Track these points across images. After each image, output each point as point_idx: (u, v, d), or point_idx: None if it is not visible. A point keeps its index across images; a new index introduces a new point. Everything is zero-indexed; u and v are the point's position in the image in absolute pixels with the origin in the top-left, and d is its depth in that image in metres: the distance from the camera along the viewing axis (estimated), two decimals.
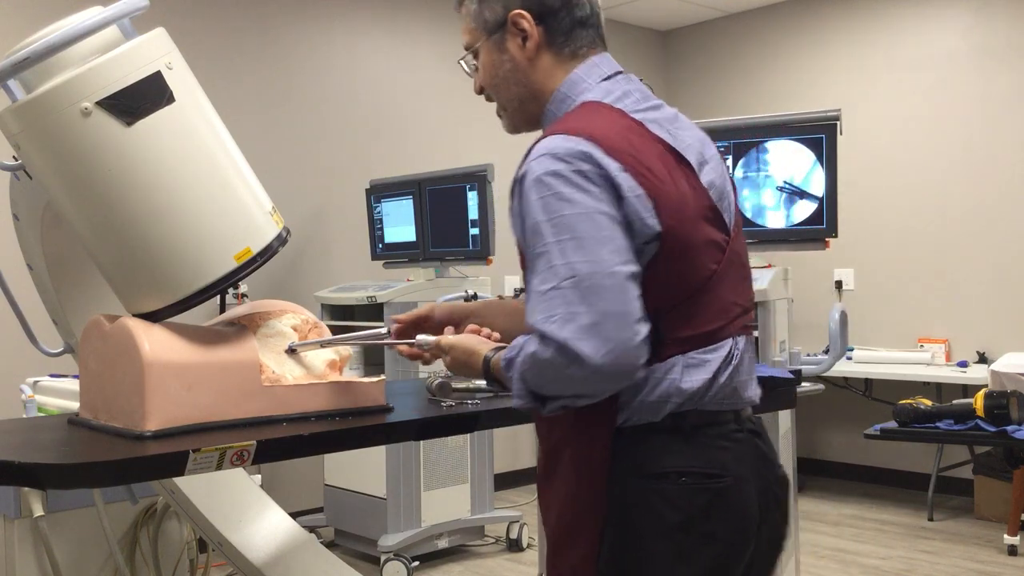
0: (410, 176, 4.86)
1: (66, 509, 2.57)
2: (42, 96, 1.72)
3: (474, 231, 4.46)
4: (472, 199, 4.45)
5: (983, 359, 5.22)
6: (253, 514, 2.66)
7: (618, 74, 1.55)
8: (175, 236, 1.78)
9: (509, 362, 1.40)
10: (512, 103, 1.60)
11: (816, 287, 5.72)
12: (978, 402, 2.97)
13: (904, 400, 3.17)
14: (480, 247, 4.45)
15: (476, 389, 2.23)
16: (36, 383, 2.99)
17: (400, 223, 4.81)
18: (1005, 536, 4.41)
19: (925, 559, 4.38)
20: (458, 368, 1.60)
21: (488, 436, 4.57)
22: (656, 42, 6.93)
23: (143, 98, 1.74)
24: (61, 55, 1.75)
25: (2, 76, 1.76)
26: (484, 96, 1.64)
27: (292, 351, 1.95)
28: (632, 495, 1.40)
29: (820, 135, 3.20)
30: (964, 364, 5.23)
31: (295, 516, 3.18)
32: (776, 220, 3.31)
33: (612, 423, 1.42)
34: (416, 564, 4.20)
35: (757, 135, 3.32)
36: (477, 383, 2.24)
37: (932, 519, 5.00)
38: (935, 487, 5.10)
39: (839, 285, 5.78)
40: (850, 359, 5.39)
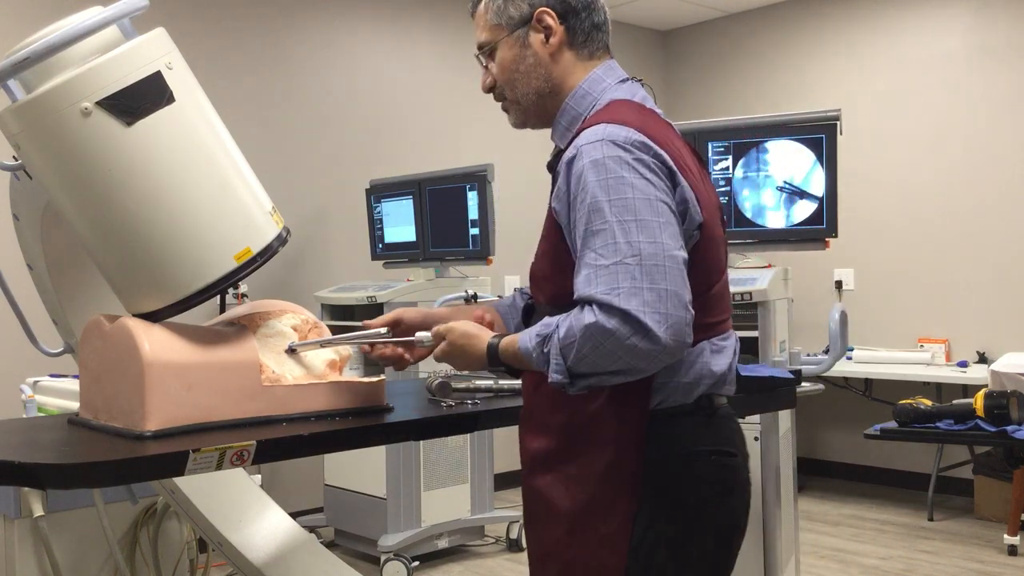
0: (410, 176, 4.86)
1: (66, 509, 2.57)
2: (42, 96, 1.72)
3: (474, 231, 4.46)
4: (472, 199, 4.44)
5: (983, 359, 5.22)
6: (253, 514, 2.66)
7: (629, 79, 1.65)
8: (175, 236, 1.78)
9: (544, 339, 1.45)
10: (529, 97, 1.65)
11: (816, 287, 5.72)
12: (978, 402, 2.97)
13: (904, 400, 3.17)
14: (480, 247, 4.45)
15: (476, 389, 2.23)
16: (36, 383, 2.99)
17: (400, 223, 4.80)
18: (1005, 536, 4.41)
19: (925, 559, 4.38)
20: (454, 352, 1.62)
21: (488, 436, 4.57)
22: (656, 42, 6.93)
23: (143, 98, 1.74)
24: (61, 55, 1.75)
25: (2, 76, 1.76)
26: (494, 94, 1.71)
27: (292, 351, 1.95)
28: (670, 473, 1.51)
29: (820, 135, 3.21)
30: (964, 364, 5.23)
31: (295, 516, 3.18)
32: (776, 220, 3.31)
33: (646, 405, 1.50)
34: (416, 564, 4.20)
35: (757, 135, 3.32)
36: (477, 383, 2.24)
37: (932, 519, 5.00)
38: (935, 487, 5.09)
39: (839, 285, 5.78)
40: (850, 359, 5.39)
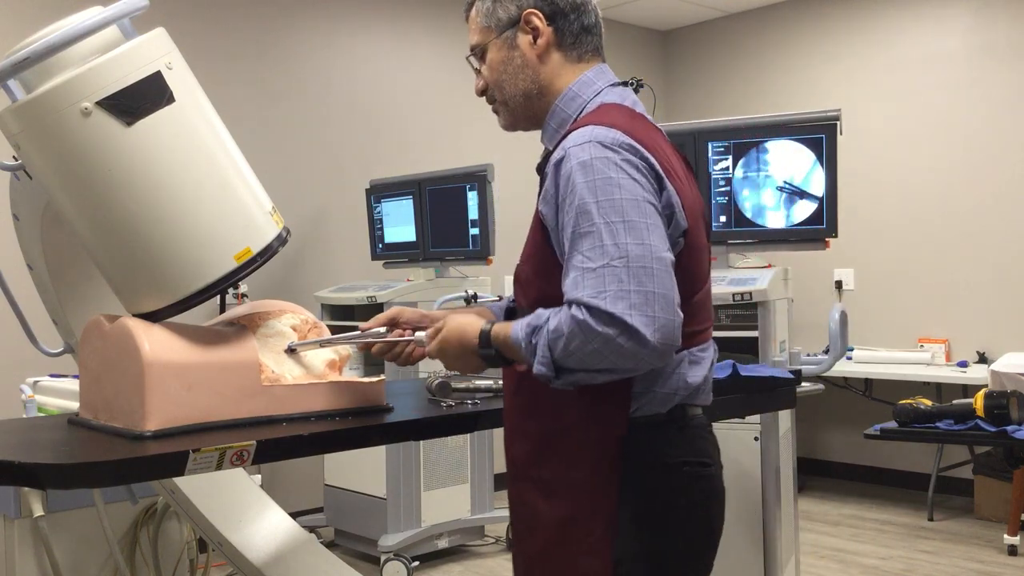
0: (410, 176, 4.86)
1: (66, 509, 2.57)
2: (42, 96, 1.72)
3: (474, 231, 4.46)
4: (472, 199, 4.44)
5: (983, 359, 5.22)
6: (253, 514, 2.66)
7: (620, 84, 1.64)
8: (175, 236, 1.78)
9: (534, 329, 1.43)
10: (516, 98, 1.64)
11: (816, 287, 5.72)
12: (978, 402, 2.97)
13: (904, 400, 3.18)
14: (480, 247, 4.45)
15: (476, 389, 2.23)
16: (36, 383, 2.99)
17: (400, 223, 4.80)
18: (1005, 536, 4.41)
19: (925, 559, 4.38)
20: (450, 344, 1.59)
21: (488, 436, 4.56)
22: (656, 42, 6.93)
23: (143, 98, 1.74)
24: (61, 55, 1.75)
25: (2, 76, 1.75)
26: (486, 97, 1.70)
27: (292, 351, 1.95)
28: (648, 482, 1.50)
29: (820, 135, 3.21)
30: (964, 364, 5.23)
31: (295, 516, 3.18)
32: (776, 220, 3.31)
33: (627, 411, 1.49)
34: (416, 564, 4.20)
35: (757, 135, 3.32)
36: (477, 383, 2.24)
37: (932, 519, 5.00)
38: (935, 487, 5.10)
39: (839, 285, 5.78)
40: (850, 359, 5.39)
